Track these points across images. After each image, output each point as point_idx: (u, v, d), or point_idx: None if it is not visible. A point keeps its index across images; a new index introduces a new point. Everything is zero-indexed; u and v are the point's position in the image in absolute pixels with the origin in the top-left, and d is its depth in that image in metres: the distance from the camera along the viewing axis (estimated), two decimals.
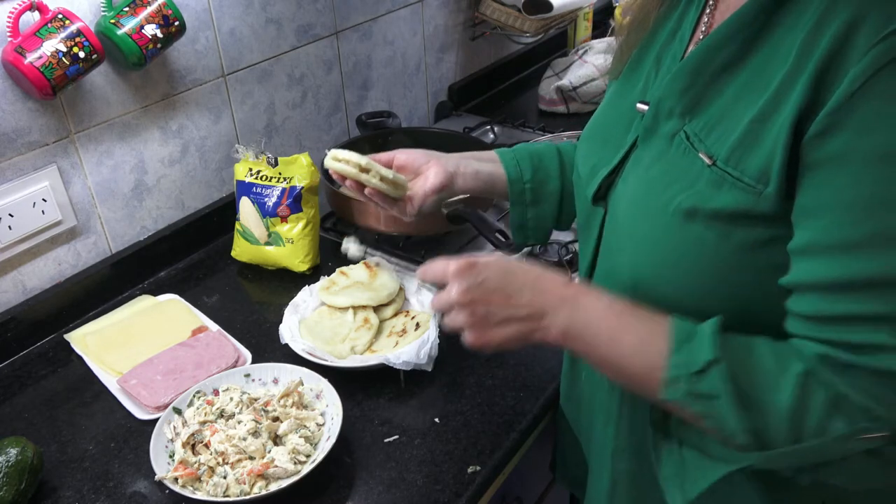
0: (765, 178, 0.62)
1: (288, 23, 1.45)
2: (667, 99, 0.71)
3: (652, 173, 0.72)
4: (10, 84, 1.07)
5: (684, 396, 0.64)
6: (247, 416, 0.94)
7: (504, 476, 0.99)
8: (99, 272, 1.25)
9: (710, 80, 0.68)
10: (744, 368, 0.63)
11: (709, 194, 0.65)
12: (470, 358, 1.10)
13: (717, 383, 0.63)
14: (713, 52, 0.68)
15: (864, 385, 0.59)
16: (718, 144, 0.65)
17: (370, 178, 0.94)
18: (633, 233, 0.73)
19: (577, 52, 1.95)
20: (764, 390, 0.62)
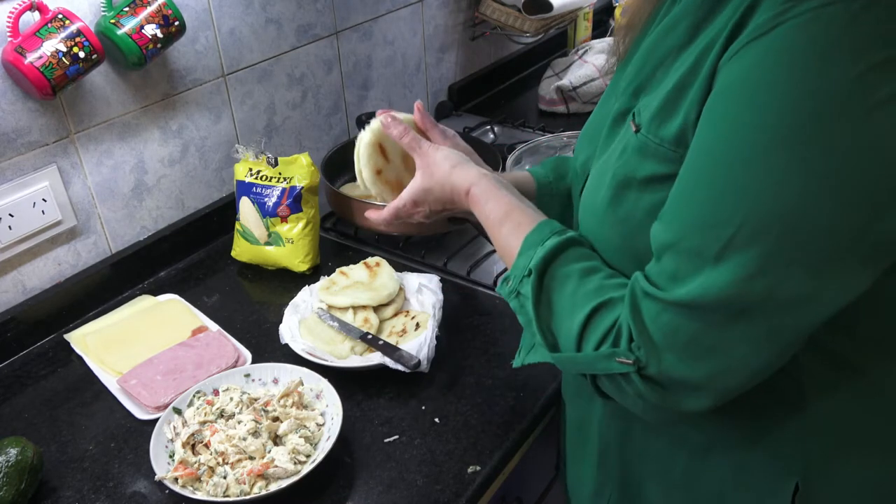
0: (682, 141, 0.63)
1: (288, 23, 1.45)
2: (626, 82, 0.74)
3: (606, 155, 0.75)
4: (10, 84, 1.07)
5: (509, 292, 0.76)
6: (247, 416, 0.94)
7: (504, 476, 0.99)
8: (99, 272, 1.25)
9: (660, 61, 0.70)
10: (560, 285, 0.72)
11: (636, 163, 0.68)
12: (470, 358, 1.10)
13: (529, 289, 0.73)
14: (663, 34, 0.69)
15: (643, 312, 0.64)
16: (645, 113, 0.68)
17: None
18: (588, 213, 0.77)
19: (577, 52, 1.95)
20: (566, 308, 0.71)
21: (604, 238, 0.74)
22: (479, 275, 1.29)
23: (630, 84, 0.73)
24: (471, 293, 1.25)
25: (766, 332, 0.60)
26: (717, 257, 0.59)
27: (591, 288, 0.70)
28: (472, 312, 1.19)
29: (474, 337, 1.14)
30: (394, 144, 0.97)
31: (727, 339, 0.61)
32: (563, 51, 2.19)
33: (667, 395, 0.65)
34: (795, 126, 0.55)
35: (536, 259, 0.73)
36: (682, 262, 0.61)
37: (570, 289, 0.71)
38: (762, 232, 0.57)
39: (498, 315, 1.19)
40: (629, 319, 0.65)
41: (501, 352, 1.11)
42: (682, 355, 0.62)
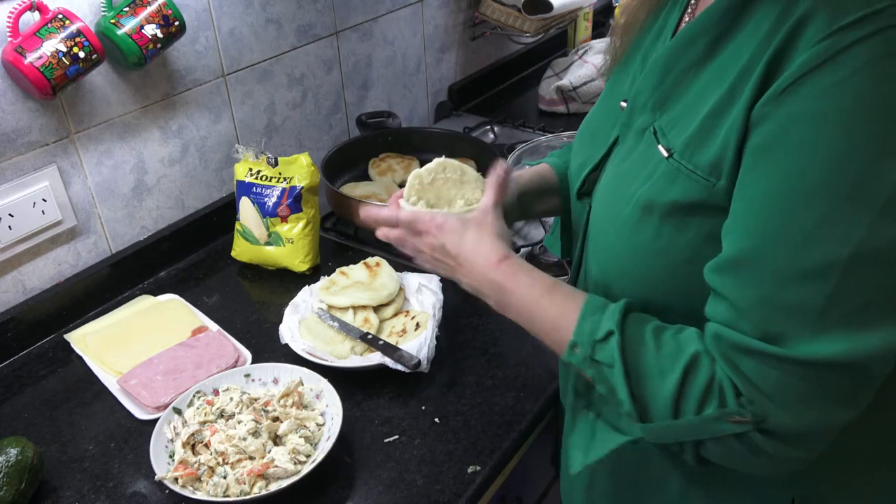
0: (717, 171, 0.63)
1: (288, 23, 1.45)
2: (640, 94, 0.73)
3: (623, 168, 0.74)
4: (10, 84, 1.07)
5: (582, 360, 0.70)
6: (247, 416, 0.94)
7: (504, 476, 0.99)
8: (99, 272, 1.25)
9: (679, 76, 0.69)
10: (641, 346, 0.67)
11: (664, 186, 0.67)
12: (470, 358, 1.10)
13: (612, 353, 0.67)
14: (681, 49, 0.69)
15: (743, 367, 0.61)
16: (677, 138, 0.66)
17: None
18: (602, 227, 0.76)
19: (577, 52, 1.95)
20: (654, 370, 0.66)
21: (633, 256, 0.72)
22: None
23: (649, 98, 0.72)
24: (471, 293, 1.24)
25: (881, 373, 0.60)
26: (822, 313, 0.57)
27: (670, 349, 0.66)
28: (472, 312, 1.19)
29: (474, 337, 1.14)
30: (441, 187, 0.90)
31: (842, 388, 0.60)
32: (563, 51, 2.19)
33: (786, 446, 0.62)
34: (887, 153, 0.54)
35: (614, 319, 0.68)
36: (782, 318, 0.59)
37: (650, 350, 0.66)
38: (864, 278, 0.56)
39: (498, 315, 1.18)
40: (730, 375, 0.62)
41: (501, 352, 1.11)
42: (798, 406, 0.60)
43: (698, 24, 0.67)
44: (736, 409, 0.62)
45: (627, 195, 0.71)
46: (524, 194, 0.97)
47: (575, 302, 0.73)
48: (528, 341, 1.13)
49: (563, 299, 0.75)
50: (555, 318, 0.75)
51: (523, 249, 1.31)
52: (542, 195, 0.99)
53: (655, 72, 0.71)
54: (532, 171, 1.00)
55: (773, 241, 0.59)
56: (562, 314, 0.74)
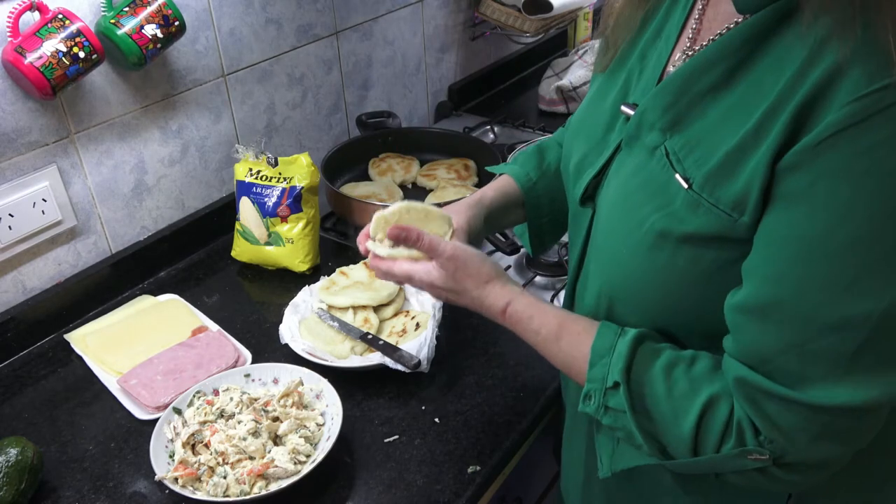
0: (740, 207, 0.62)
1: (288, 23, 1.45)
2: (651, 112, 0.71)
3: (631, 185, 0.73)
4: (10, 84, 1.07)
5: (597, 410, 0.71)
6: (247, 416, 0.94)
7: (504, 476, 0.99)
8: (99, 272, 1.25)
9: (694, 100, 0.68)
10: (652, 391, 0.68)
11: (683, 216, 0.66)
12: (470, 358, 1.10)
13: (622, 402, 0.69)
14: (698, 73, 0.68)
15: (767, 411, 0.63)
16: (696, 168, 0.66)
17: None
18: (610, 241, 0.75)
19: (577, 52, 1.95)
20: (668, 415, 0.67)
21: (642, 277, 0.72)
22: None
23: (661, 117, 0.70)
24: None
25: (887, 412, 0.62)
26: (848, 363, 0.59)
27: (684, 388, 0.67)
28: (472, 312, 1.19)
29: (474, 337, 1.14)
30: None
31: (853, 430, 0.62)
32: (563, 51, 2.19)
33: (806, 475, 0.64)
34: None
35: (618, 368, 0.69)
36: (807, 365, 0.60)
37: (662, 391, 0.68)
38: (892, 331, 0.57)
39: None
40: (751, 416, 0.64)
41: (501, 352, 1.11)
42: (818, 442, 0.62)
43: (718, 49, 0.66)
44: (755, 448, 0.64)
45: (640, 217, 0.70)
46: (490, 215, 0.97)
47: (583, 347, 0.73)
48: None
49: (570, 345, 0.76)
50: (567, 364, 0.76)
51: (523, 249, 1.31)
52: (506, 211, 0.99)
53: (667, 92, 0.70)
54: (495, 190, 0.99)
55: (807, 291, 0.59)
56: (572, 360, 0.75)
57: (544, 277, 1.27)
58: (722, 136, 0.64)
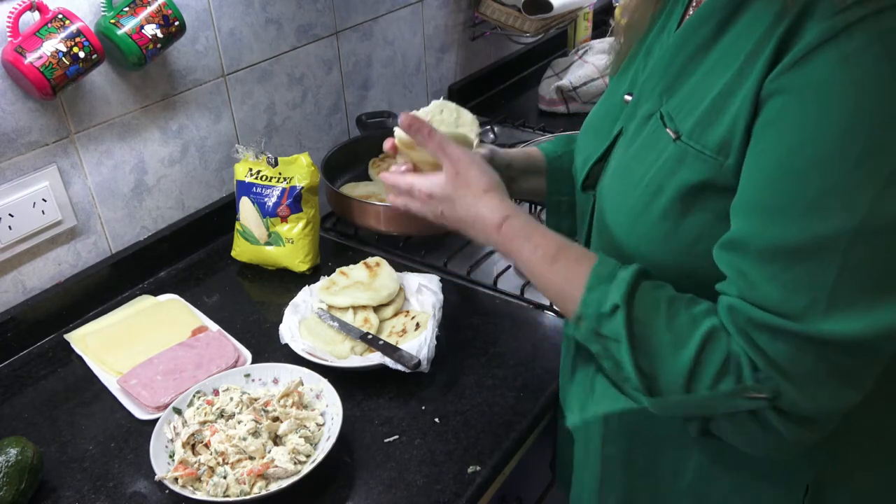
0: (725, 150, 0.63)
1: (288, 23, 1.45)
2: (647, 83, 0.74)
3: (629, 154, 0.74)
4: (10, 84, 1.07)
5: (587, 335, 0.69)
6: (247, 416, 0.94)
7: (504, 476, 0.99)
8: (99, 272, 1.25)
9: (686, 61, 0.69)
10: (652, 318, 0.66)
11: (672, 168, 0.67)
12: (470, 358, 1.10)
13: (618, 329, 0.66)
14: (688, 35, 0.69)
15: (758, 342, 0.61)
16: (684, 121, 0.67)
17: None
18: (609, 216, 0.75)
19: (577, 52, 1.95)
20: (666, 345, 0.65)
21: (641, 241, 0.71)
22: (479, 275, 1.28)
23: (657, 85, 0.72)
24: (471, 293, 1.25)
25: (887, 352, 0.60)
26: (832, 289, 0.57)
27: (685, 319, 0.65)
28: (472, 312, 1.19)
29: (474, 337, 1.14)
30: None
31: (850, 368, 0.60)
32: (563, 51, 2.19)
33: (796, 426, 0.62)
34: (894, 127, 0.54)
35: (619, 293, 0.67)
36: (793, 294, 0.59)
37: (663, 320, 0.65)
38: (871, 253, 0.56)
39: (498, 315, 1.19)
40: (746, 350, 0.62)
41: (501, 352, 1.11)
42: (809, 385, 0.60)
43: (704, 10, 0.68)
44: (753, 385, 0.61)
45: (634, 181, 0.71)
46: (510, 166, 0.98)
47: (581, 270, 0.71)
48: (528, 341, 1.13)
49: (567, 268, 0.73)
50: (559, 287, 0.73)
51: None
52: (527, 173, 1.00)
53: (662, 60, 0.72)
54: (519, 150, 1.01)
55: (779, 215, 0.59)
56: (566, 283, 0.72)
57: None
58: (709, 86, 0.65)
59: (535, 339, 1.13)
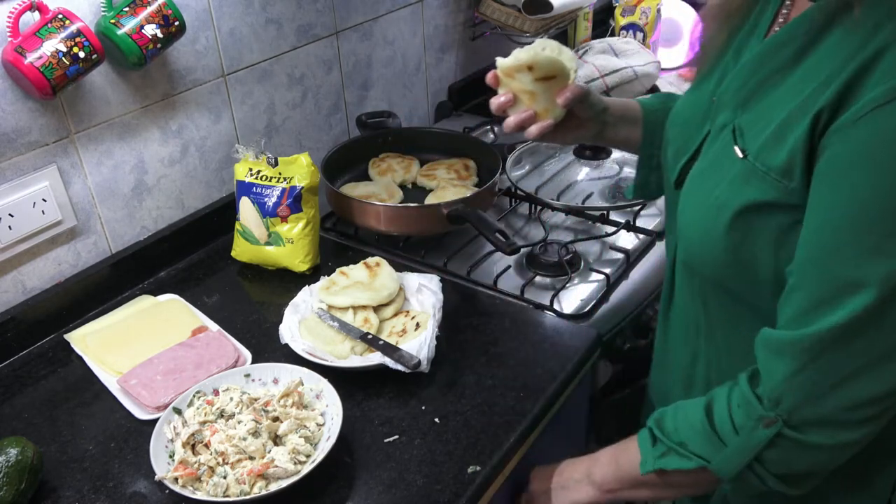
0: (788, 174, 0.67)
1: (288, 23, 1.45)
2: (727, 93, 0.76)
3: (705, 163, 0.79)
4: (10, 84, 1.07)
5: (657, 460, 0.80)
6: (247, 416, 0.94)
7: (504, 476, 0.99)
8: (99, 272, 1.25)
9: (763, 79, 0.72)
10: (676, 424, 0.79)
11: (739, 185, 0.71)
12: (470, 358, 1.10)
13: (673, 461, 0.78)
14: (769, 53, 0.72)
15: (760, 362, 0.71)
16: (753, 140, 0.70)
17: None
18: (684, 219, 0.80)
19: (577, 52, 1.95)
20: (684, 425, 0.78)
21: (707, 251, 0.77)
22: (479, 275, 1.28)
23: (734, 96, 0.75)
24: (471, 293, 1.25)
25: None
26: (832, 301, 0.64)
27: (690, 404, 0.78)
28: (472, 312, 1.19)
29: (474, 337, 1.14)
30: (541, 70, 0.93)
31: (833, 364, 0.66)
32: None
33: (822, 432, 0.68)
34: None
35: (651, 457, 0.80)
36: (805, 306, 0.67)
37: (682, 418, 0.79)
38: None
39: (498, 315, 1.19)
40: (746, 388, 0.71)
41: (501, 352, 1.11)
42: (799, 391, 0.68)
43: (787, 32, 0.71)
44: (762, 411, 0.69)
45: (705, 192, 0.75)
46: (605, 110, 1.00)
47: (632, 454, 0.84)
48: (527, 341, 1.13)
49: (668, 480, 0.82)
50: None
51: (524, 249, 1.31)
52: (623, 121, 1.02)
53: (743, 72, 0.75)
54: (618, 99, 1.03)
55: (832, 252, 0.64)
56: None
57: (544, 277, 1.27)
58: (778, 110, 0.69)
59: (535, 339, 1.13)
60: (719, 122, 0.77)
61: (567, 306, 1.20)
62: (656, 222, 1.42)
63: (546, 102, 0.94)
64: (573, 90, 0.92)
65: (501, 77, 0.97)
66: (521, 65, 0.93)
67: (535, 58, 0.92)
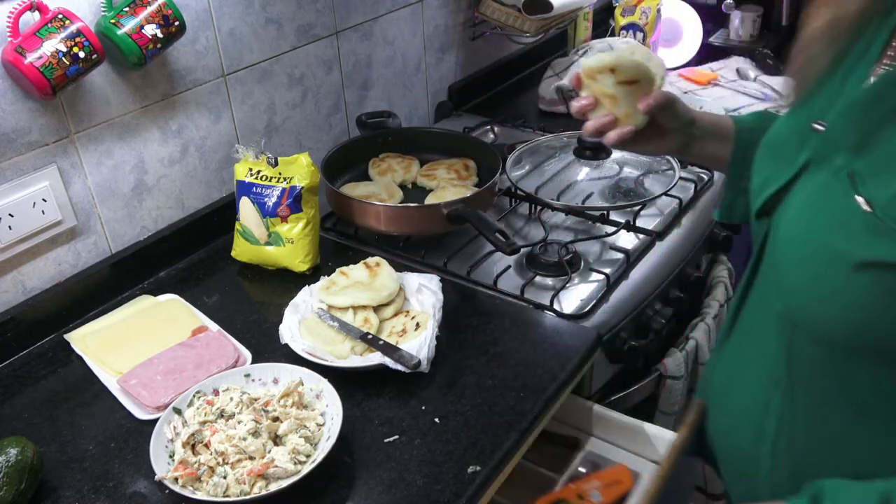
0: None
1: (288, 23, 1.45)
2: (838, 130, 0.69)
3: (812, 204, 0.71)
4: (10, 84, 1.07)
5: None
6: (247, 416, 0.94)
7: (504, 476, 0.99)
8: (99, 272, 1.25)
9: (883, 119, 0.65)
10: None
11: (865, 241, 0.64)
12: (470, 358, 1.10)
13: None
14: (889, 87, 0.65)
15: None
16: (880, 191, 0.63)
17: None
18: (786, 266, 0.73)
19: (577, 52, 1.95)
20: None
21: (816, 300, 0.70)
22: (479, 275, 1.29)
23: (848, 136, 0.68)
24: (471, 293, 1.25)
25: None
26: None
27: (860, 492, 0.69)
28: (472, 312, 1.19)
29: (474, 337, 1.14)
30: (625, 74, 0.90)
31: None
32: (563, 51, 2.18)
33: None
34: None
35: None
36: None
37: None
38: None
39: (498, 315, 1.19)
40: None
41: (501, 352, 1.11)
42: None
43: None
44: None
45: (816, 239, 0.68)
46: (692, 123, 0.95)
47: None
48: (527, 341, 1.13)
49: None
50: None
51: (524, 249, 1.31)
52: (712, 136, 0.97)
53: (857, 109, 0.68)
54: (708, 112, 0.97)
55: None
56: None
57: (544, 277, 1.27)
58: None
59: (535, 339, 1.13)
60: (832, 163, 0.69)
61: (567, 306, 1.20)
62: (656, 222, 1.42)
63: (627, 107, 0.91)
64: (656, 97, 0.88)
65: (583, 79, 0.94)
66: (604, 66, 0.90)
67: (618, 60, 0.89)
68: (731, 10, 2.21)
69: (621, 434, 1.14)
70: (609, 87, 0.91)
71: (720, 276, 1.55)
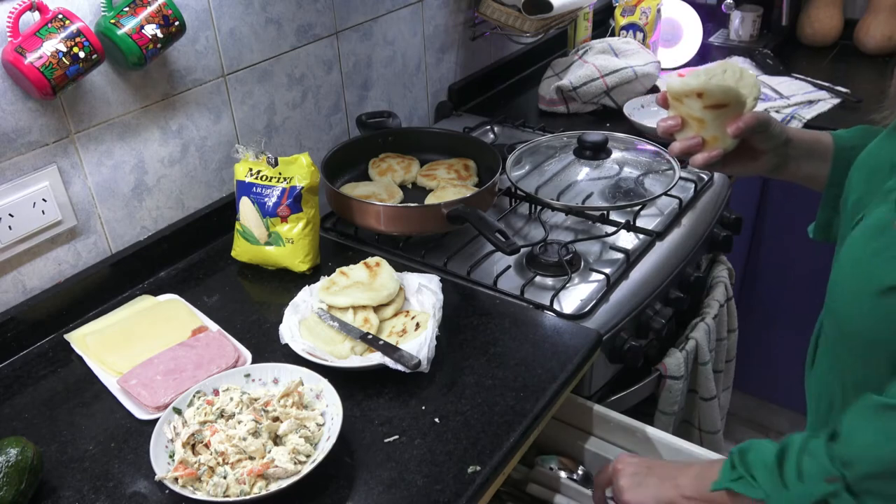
0: None
1: (288, 23, 1.45)
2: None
3: (870, 231, 0.71)
4: (10, 84, 1.07)
5: None
6: (247, 416, 0.94)
7: (504, 476, 0.99)
8: (99, 272, 1.25)
9: None
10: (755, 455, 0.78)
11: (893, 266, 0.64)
12: (470, 358, 1.10)
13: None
14: None
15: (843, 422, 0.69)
16: None
17: None
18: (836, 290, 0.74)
19: (577, 52, 1.95)
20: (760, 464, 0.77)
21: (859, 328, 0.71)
22: (479, 275, 1.28)
23: None
24: (471, 293, 1.25)
25: None
26: None
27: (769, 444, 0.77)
28: (472, 312, 1.19)
29: (474, 337, 1.14)
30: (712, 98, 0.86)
31: None
32: (563, 51, 2.19)
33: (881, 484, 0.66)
34: None
35: None
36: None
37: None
38: None
39: (498, 315, 1.19)
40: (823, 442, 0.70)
41: (501, 352, 1.11)
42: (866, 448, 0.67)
43: None
44: (829, 468, 0.68)
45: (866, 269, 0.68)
46: (788, 143, 0.91)
47: None
48: (527, 341, 1.13)
49: None
50: None
51: (524, 249, 1.31)
52: (809, 156, 0.93)
53: None
54: (806, 131, 0.94)
55: None
56: None
57: (544, 277, 1.27)
58: None
59: (535, 339, 1.13)
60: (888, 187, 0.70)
61: (567, 306, 1.20)
62: (656, 222, 1.42)
63: (716, 130, 0.87)
64: (747, 121, 0.84)
65: (670, 99, 0.90)
66: (691, 91, 0.86)
67: (705, 85, 0.85)
68: (731, 10, 2.21)
69: (621, 434, 1.14)
70: (696, 111, 0.87)
71: (720, 276, 1.55)
